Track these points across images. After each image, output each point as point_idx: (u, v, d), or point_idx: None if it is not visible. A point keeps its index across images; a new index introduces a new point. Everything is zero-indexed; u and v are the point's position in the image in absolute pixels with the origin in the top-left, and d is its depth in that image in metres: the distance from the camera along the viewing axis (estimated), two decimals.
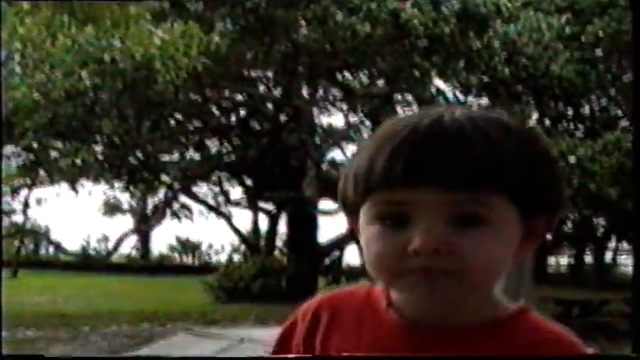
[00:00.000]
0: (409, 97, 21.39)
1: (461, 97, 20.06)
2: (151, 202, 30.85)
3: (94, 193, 24.46)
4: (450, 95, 20.20)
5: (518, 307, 1.24)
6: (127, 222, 35.63)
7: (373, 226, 1.18)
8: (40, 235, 32.19)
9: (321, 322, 1.31)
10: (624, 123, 18.85)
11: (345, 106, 22.24)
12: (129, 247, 36.77)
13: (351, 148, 25.56)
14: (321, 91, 21.91)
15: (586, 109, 21.31)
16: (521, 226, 1.17)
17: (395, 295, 1.25)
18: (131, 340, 13.94)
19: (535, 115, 19.22)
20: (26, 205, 26.65)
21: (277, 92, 21.50)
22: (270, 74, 21.28)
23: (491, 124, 1.18)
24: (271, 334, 4.77)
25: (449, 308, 1.19)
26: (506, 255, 1.17)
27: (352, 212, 1.24)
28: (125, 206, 35.54)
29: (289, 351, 1.35)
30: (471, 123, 1.17)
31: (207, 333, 5.07)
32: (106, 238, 35.80)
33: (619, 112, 20.58)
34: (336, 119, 48.31)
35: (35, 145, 17.50)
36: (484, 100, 19.25)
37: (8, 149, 20.37)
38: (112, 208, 35.12)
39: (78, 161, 17.00)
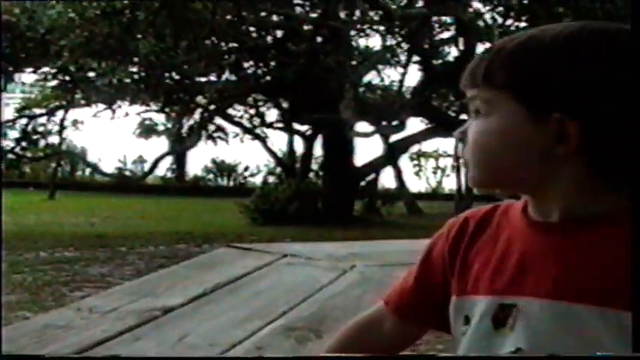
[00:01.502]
0: (448, 20, 21.03)
1: (500, 19, 19.69)
2: (187, 123, 30.83)
3: (130, 114, 24.41)
4: (488, 17, 19.85)
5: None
6: (162, 144, 35.68)
7: None
8: (76, 156, 32.40)
9: (465, 236, 1.41)
10: None
11: (382, 29, 21.90)
12: (164, 168, 36.98)
13: (388, 71, 25.34)
14: (358, 13, 21.58)
15: None
16: (531, 123, 1.24)
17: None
18: (168, 260, 14.06)
19: None
20: (62, 126, 26.73)
21: (314, 14, 21.20)
22: None
23: (543, 31, 1.29)
24: (313, 249, 4.73)
25: (557, 205, 1.27)
26: (503, 146, 1.27)
27: None
28: (161, 128, 35.60)
29: (431, 262, 1.45)
30: (526, 33, 1.31)
31: (249, 247, 5.05)
32: (141, 160, 36.06)
33: None
34: (373, 41, 47.85)
35: (71, 66, 17.47)
36: (523, 24, 18.87)
37: (44, 69, 20.40)
38: (147, 130, 35.17)
39: (114, 81, 16.98)
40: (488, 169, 1.31)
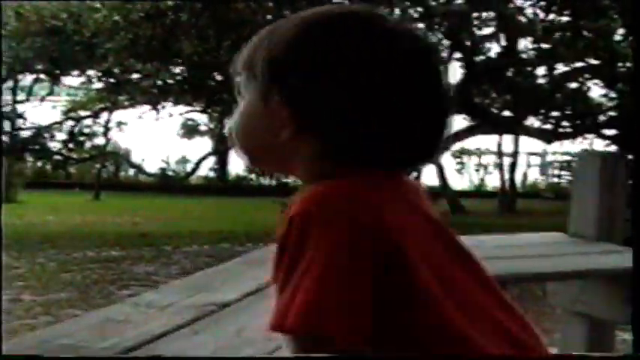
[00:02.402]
0: (489, 15, 20.88)
1: (542, 14, 19.50)
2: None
3: (173, 115, 24.63)
4: (530, 12, 19.69)
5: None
6: (205, 144, 35.82)
7: None
8: (120, 157, 32.71)
9: None
10: None
11: (422, 25, 21.77)
12: (207, 168, 37.15)
13: None
14: (397, 10, 21.48)
15: None
16: (263, 106, 1.31)
17: None
18: (212, 258, 14.16)
19: (621, 31, 18.59)
20: (107, 128, 27.02)
21: None
22: None
23: (287, 18, 1.38)
24: None
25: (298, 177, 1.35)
26: (244, 124, 1.35)
27: None
28: (204, 128, 35.78)
29: None
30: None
31: None
32: (185, 160, 36.21)
33: None
34: None
35: (116, 68, 17.65)
36: (565, 18, 18.67)
37: (90, 72, 20.63)
38: (190, 130, 35.38)
39: (159, 82, 17.10)
40: (242, 149, 1.37)
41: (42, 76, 22.21)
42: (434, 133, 1.31)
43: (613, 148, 20.77)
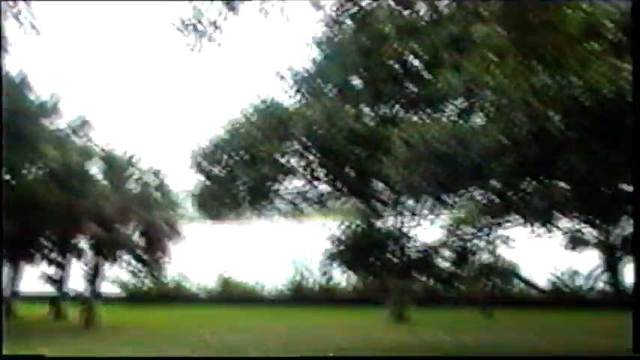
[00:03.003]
0: None
1: None
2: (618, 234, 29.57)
3: (560, 227, 24.19)
4: None
5: None
6: (593, 256, 34.77)
7: None
8: (508, 272, 32.59)
9: None
10: None
11: None
12: (598, 280, 35.76)
13: None
14: None
15: None
16: None
17: None
18: None
19: None
20: (493, 243, 27.11)
21: None
22: None
23: None
24: None
25: None
26: None
27: None
28: (592, 240, 34.54)
29: None
30: None
31: None
32: (576, 273, 35.17)
33: None
34: None
35: (501, 186, 17.77)
36: None
37: (471, 189, 20.98)
38: (577, 242, 34.44)
39: (544, 200, 16.90)
40: None
41: (426, 196, 22.90)
42: None
43: None
